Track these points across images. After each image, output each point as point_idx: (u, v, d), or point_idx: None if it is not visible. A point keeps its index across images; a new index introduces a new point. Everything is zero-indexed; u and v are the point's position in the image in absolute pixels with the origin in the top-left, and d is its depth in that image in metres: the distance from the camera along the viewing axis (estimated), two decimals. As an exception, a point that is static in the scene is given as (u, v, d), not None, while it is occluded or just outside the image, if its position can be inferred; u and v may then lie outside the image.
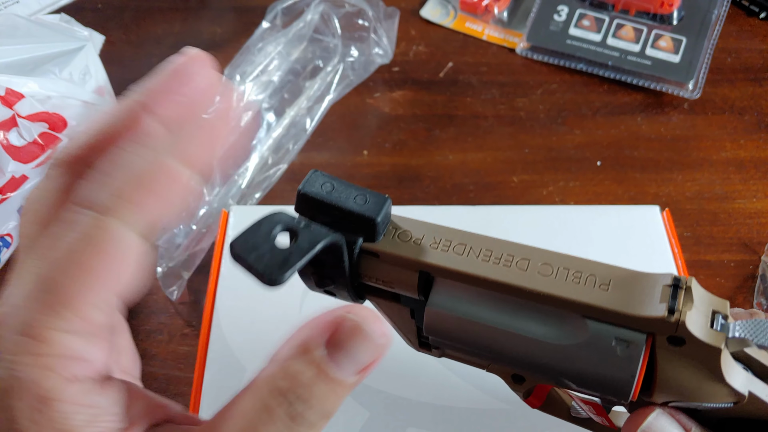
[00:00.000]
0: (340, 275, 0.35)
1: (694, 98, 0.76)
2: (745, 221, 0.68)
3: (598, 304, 0.31)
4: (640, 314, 0.31)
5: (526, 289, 0.33)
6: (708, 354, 0.30)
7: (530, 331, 0.33)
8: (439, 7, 0.86)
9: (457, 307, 0.34)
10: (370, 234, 0.34)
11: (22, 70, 0.62)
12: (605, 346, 0.31)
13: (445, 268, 0.34)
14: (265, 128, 0.72)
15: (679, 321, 0.29)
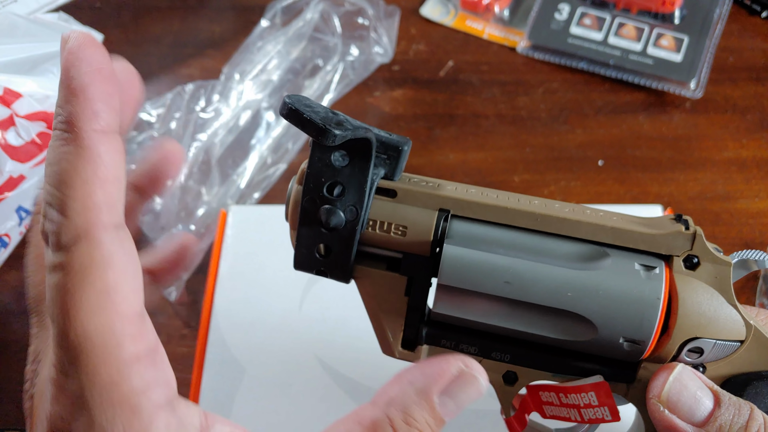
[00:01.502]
0: (359, 185, 0.33)
1: (696, 97, 0.76)
2: (748, 221, 0.67)
3: (619, 226, 0.33)
4: (661, 232, 0.33)
5: (549, 216, 0.34)
6: (720, 273, 0.33)
7: (556, 260, 0.33)
8: (439, 6, 0.86)
9: (477, 243, 0.34)
10: (392, 167, 0.35)
11: (20, 69, 0.62)
12: (629, 269, 0.33)
13: (468, 200, 0.34)
14: (264, 127, 0.72)
15: (695, 233, 0.33)
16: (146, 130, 0.68)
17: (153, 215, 0.64)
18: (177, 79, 0.80)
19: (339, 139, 0.30)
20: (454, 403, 0.32)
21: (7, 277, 0.65)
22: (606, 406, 0.34)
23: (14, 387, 0.59)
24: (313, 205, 0.34)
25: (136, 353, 0.30)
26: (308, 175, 0.33)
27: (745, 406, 0.32)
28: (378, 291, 0.36)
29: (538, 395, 0.36)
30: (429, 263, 0.34)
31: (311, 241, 0.34)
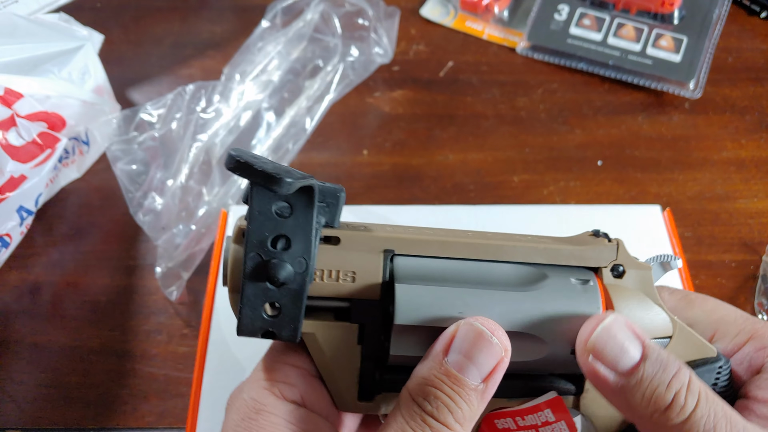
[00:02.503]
0: (305, 235, 0.32)
1: (695, 98, 0.76)
2: (747, 221, 0.68)
3: (550, 246, 0.36)
4: (587, 246, 0.36)
5: (487, 244, 0.35)
6: (643, 278, 0.36)
7: (501, 285, 0.34)
8: (439, 6, 0.86)
9: (426, 279, 0.34)
10: (331, 215, 0.34)
11: (21, 69, 0.62)
12: (567, 285, 0.35)
13: (410, 238, 0.35)
14: (264, 128, 0.72)
15: (618, 244, 0.36)
16: (147, 130, 0.68)
17: (154, 215, 0.64)
18: (177, 79, 0.80)
19: (292, 186, 0.29)
20: (466, 358, 0.31)
21: (8, 277, 0.65)
22: (563, 420, 0.35)
23: (14, 387, 0.59)
24: (259, 261, 0.32)
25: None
26: (250, 230, 0.32)
27: (674, 363, 0.32)
28: (329, 344, 0.34)
29: (493, 424, 0.36)
30: (380, 306, 0.34)
31: (258, 301, 0.32)
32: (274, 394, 0.33)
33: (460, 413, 0.31)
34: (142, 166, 0.66)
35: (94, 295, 0.64)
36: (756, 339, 0.37)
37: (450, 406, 0.31)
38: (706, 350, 0.37)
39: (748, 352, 0.37)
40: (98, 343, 0.61)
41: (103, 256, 0.66)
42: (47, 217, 0.68)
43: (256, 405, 0.33)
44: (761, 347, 0.36)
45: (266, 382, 0.34)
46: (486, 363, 0.32)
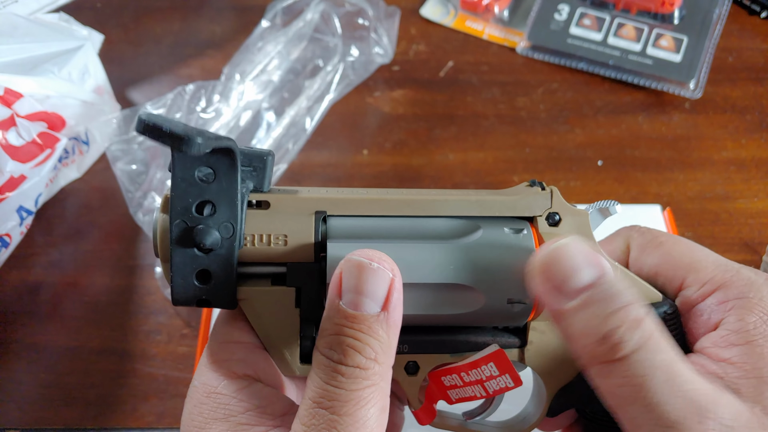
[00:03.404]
0: (230, 199, 0.32)
1: (696, 98, 0.76)
2: (747, 221, 0.68)
3: (483, 198, 0.36)
4: (521, 196, 0.36)
5: (418, 200, 0.35)
6: (580, 224, 0.36)
7: (433, 238, 0.34)
8: (439, 6, 0.86)
9: (358, 237, 0.34)
10: (259, 179, 0.34)
11: (21, 69, 0.62)
12: (500, 235, 0.35)
13: (341, 198, 0.34)
14: (264, 128, 0.72)
15: (551, 192, 0.36)
16: (147, 130, 0.68)
17: (153, 215, 0.64)
18: (177, 79, 0.80)
19: (203, 146, 0.28)
20: (357, 294, 0.30)
21: (8, 277, 0.65)
22: (507, 374, 0.35)
23: (14, 387, 0.59)
24: (185, 227, 0.32)
25: None
26: (173, 197, 0.32)
27: (623, 298, 0.30)
28: (266, 309, 0.34)
29: (440, 381, 0.36)
30: (315, 268, 0.34)
31: (188, 269, 0.32)
32: (222, 374, 0.33)
33: (369, 350, 0.30)
34: (142, 166, 0.66)
35: (94, 295, 0.64)
36: (722, 290, 0.34)
37: (356, 346, 0.30)
38: (650, 294, 0.36)
39: (711, 303, 0.34)
40: (98, 343, 0.61)
41: (103, 256, 0.66)
42: (47, 217, 0.68)
43: (206, 388, 0.33)
44: (723, 300, 0.34)
45: (212, 364, 0.33)
46: (377, 290, 0.30)
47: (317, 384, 0.30)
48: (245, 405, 0.32)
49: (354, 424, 0.29)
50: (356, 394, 0.29)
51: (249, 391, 0.33)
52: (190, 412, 0.33)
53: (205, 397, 0.33)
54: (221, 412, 0.32)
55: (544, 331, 0.36)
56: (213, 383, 0.33)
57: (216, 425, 0.32)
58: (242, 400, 0.32)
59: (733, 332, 0.33)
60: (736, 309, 0.34)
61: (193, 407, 0.33)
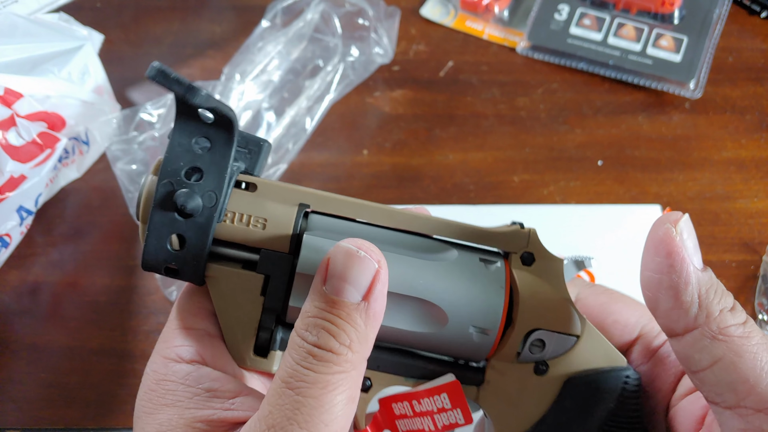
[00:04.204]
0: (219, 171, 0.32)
1: (696, 98, 0.76)
2: (747, 221, 0.68)
3: (464, 224, 0.35)
4: (499, 230, 0.36)
5: (400, 213, 0.35)
6: (553, 270, 0.35)
7: (407, 251, 0.34)
8: (439, 6, 0.86)
9: (335, 235, 0.34)
10: (252, 163, 0.35)
11: (21, 69, 0.62)
12: (473, 263, 0.35)
13: (326, 196, 0.35)
14: (264, 128, 0.72)
15: (530, 232, 0.36)
16: (147, 130, 0.68)
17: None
18: (177, 79, 0.80)
19: (206, 99, 0.29)
20: (341, 280, 0.30)
21: (8, 277, 0.65)
22: (459, 408, 0.35)
23: (14, 387, 0.59)
24: (170, 189, 0.32)
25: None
26: (166, 159, 0.32)
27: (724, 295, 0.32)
28: (231, 291, 0.34)
29: (390, 408, 0.36)
30: (288, 260, 0.33)
31: (164, 231, 0.32)
32: (172, 360, 0.33)
33: (344, 336, 0.30)
34: (142, 166, 0.66)
35: (94, 295, 0.64)
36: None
37: (332, 331, 0.30)
38: (615, 358, 0.36)
39: (667, 351, 0.36)
40: (98, 343, 0.61)
41: (103, 256, 0.66)
42: (47, 217, 0.68)
43: (155, 375, 0.33)
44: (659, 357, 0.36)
45: (163, 350, 0.34)
46: (362, 279, 0.30)
47: (289, 364, 0.30)
48: (193, 390, 0.32)
49: (318, 408, 0.29)
50: (325, 378, 0.29)
51: (196, 376, 0.33)
52: (141, 399, 0.33)
53: (154, 384, 0.33)
54: (169, 398, 0.32)
55: (503, 372, 0.35)
56: (162, 370, 0.33)
57: (164, 411, 0.32)
58: (189, 385, 0.32)
59: None
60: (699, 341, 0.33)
61: (144, 394, 0.33)
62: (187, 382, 0.32)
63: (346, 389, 0.30)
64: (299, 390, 0.29)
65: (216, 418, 0.32)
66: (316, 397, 0.29)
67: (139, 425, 0.33)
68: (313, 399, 0.29)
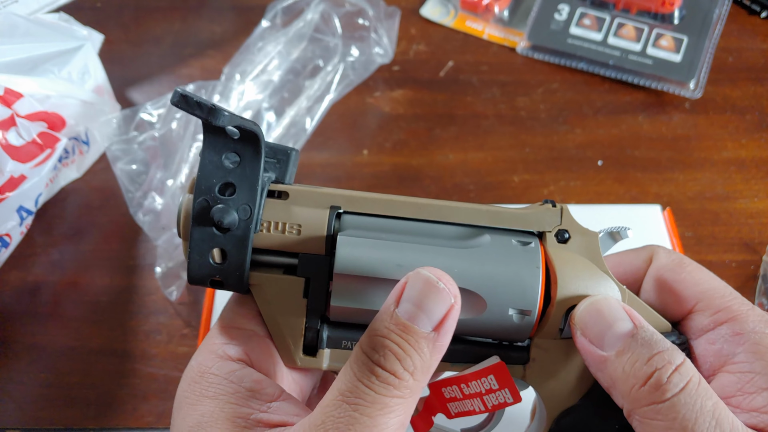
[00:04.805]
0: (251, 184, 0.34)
1: (696, 98, 0.76)
2: (747, 221, 0.68)
3: (494, 209, 0.36)
4: (531, 210, 0.36)
5: (430, 204, 0.36)
6: (589, 244, 0.36)
7: (441, 241, 0.35)
8: (439, 6, 0.86)
9: (368, 232, 0.35)
10: (281, 172, 0.36)
11: (21, 69, 0.62)
12: (507, 244, 0.35)
13: (356, 196, 0.36)
14: (264, 128, 0.72)
15: (561, 209, 0.36)
16: (147, 130, 0.68)
17: (154, 215, 0.64)
18: (177, 79, 0.80)
19: (228, 120, 0.31)
20: (415, 307, 0.31)
21: (8, 277, 0.65)
22: (506, 388, 0.35)
23: (14, 387, 0.59)
24: (206, 206, 0.34)
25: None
26: (199, 177, 0.34)
27: (662, 343, 0.32)
28: (275, 297, 0.35)
29: (441, 393, 0.36)
30: (325, 261, 0.35)
31: (205, 246, 0.34)
32: (218, 356, 0.34)
33: (409, 361, 0.31)
34: (142, 166, 0.66)
35: (94, 295, 0.64)
36: (736, 322, 0.34)
37: (398, 354, 0.30)
38: (658, 323, 0.36)
39: (724, 333, 0.34)
40: (98, 343, 0.61)
41: (103, 256, 0.66)
42: (47, 217, 0.68)
43: (201, 368, 0.34)
44: (738, 332, 0.34)
45: (210, 345, 0.35)
46: (436, 310, 0.31)
47: (349, 378, 0.31)
48: (235, 387, 0.33)
49: (371, 427, 0.30)
50: (383, 400, 0.30)
51: (240, 374, 0.34)
52: (183, 390, 0.34)
53: (198, 376, 0.34)
54: (212, 390, 0.33)
55: (548, 349, 0.36)
56: (207, 363, 0.34)
57: (206, 402, 0.33)
58: (233, 382, 0.33)
59: (756, 374, 0.32)
60: (751, 345, 0.33)
61: (187, 385, 0.34)
62: (230, 379, 0.33)
63: (400, 414, 0.31)
64: (356, 407, 0.30)
65: (254, 418, 0.32)
66: (372, 416, 0.30)
67: (180, 414, 0.33)
68: (369, 418, 0.30)
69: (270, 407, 0.33)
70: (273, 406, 0.33)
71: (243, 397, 0.33)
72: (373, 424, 0.29)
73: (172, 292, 0.62)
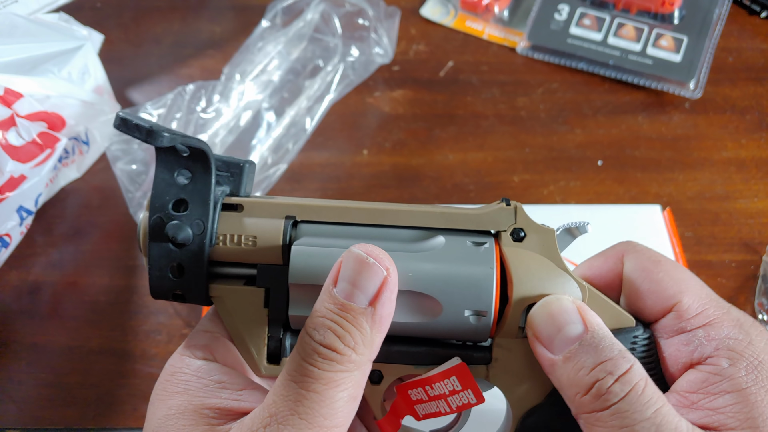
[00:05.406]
0: (203, 199, 0.34)
1: (696, 98, 0.76)
2: (747, 221, 0.68)
3: (448, 211, 0.36)
4: (485, 211, 0.36)
5: (385, 210, 0.36)
6: (546, 241, 0.36)
7: (393, 245, 0.35)
8: (439, 6, 0.86)
9: (323, 239, 0.35)
10: (236, 185, 0.37)
11: (21, 69, 0.62)
12: (461, 246, 0.35)
13: (311, 205, 0.36)
14: (264, 128, 0.72)
15: (515, 208, 0.36)
16: (147, 130, 0.68)
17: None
18: (177, 79, 0.80)
19: (168, 140, 0.31)
20: (351, 285, 0.32)
21: (8, 277, 0.65)
22: (469, 389, 0.35)
23: (14, 387, 0.59)
24: (160, 223, 0.34)
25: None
26: (153, 195, 0.34)
27: (608, 351, 0.32)
28: (237, 307, 0.36)
29: (407, 395, 0.37)
30: (283, 270, 0.35)
31: (163, 262, 0.35)
32: (187, 356, 0.36)
33: (349, 338, 0.31)
34: (142, 166, 0.66)
35: (94, 295, 0.64)
36: (712, 327, 0.34)
37: (337, 332, 0.31)
38: (622, 319, 0.36)
39: (700, 336, 0.34)
40: (98, 343, 0.61)
41: (103, 256, 0.66)
42: (47, 217, 0.68)
43: (171, 369, 0.36)
44: (713, 337, 0.34)
45: (182, 349, 0.36)
46: (369, 285, 0.32)
47: (295, 359, 0.32)
48: (204, 381, 0.35)
49: (320, 402, 0.31)
50: (328, 375, 0.31)
51: (207, 369, 0.35)
52: (155, 389, 0.36)
53: (169, 375, 0.35)
54: (181, 386, 0.35)
55: (510, 349, 0.36)
56: (177, 365, 0.35)
57: (175, 397, 0.34)
58: (201, 377, 0.35)
59: (724, 378, 0.33)
60: (724, 350, 0.33)
61: (159, 384, 0.36)
62: (198, 374, 0.35)
63: (348, 388, 0.32)
64: (303, 384, 0.31)
65: (223, 407, 0.34)
66: (319, 392, 0.31)
67: (151, 411, 0.35)
68: (316, 394, 0.31)
69: (240, 395, 0.34)
70: (243, 394, 0.34)
71: (212, 389, 0.34)
72: (320, 398, 0.31)
73: (172, 292, 0.62)
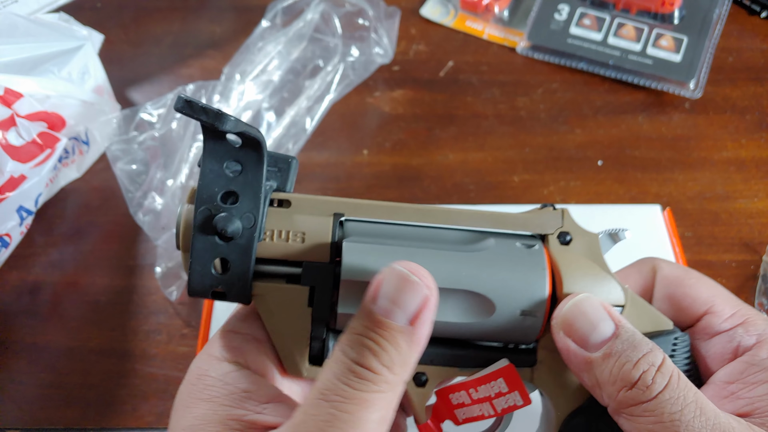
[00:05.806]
0: (254, 192, 0.33)
1: (696, 98, 0.76)
2: (747, 221, 0.68)
3: (496, 213, 0.36)
4: (532, 214, 0.37)
5: (433, 209, 0.36)
6: (591, 245, 0.36)
7: (446, 245, 0.35)
8: (439, 6, 0.86)
9: (371, 238, 0.35)
10: (282, 180, 0.36)
11: (21, 69, 0.62)
12: (512, 249, 0.36)
13: (359, 203, 0.36)
14: (264, 128, 0.72)
15: (563, 212, 0.37)
16: (147, 130, 0.68)
17: (154, 215, 0.64)
18: (177, 79, 0.80)
19: (234, 125, 0.30)
20: (391, 303, 0.31)
21: (8, 277, 0.65)
22: (516, 391, 0.35)
23: (14, 387, 0.59)
24: (208, 215, 0.33)
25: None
26: (200, 186, 0.33)
27: (646, 344, 0.33)
28: (279, 306, 0.35)
29: (448, 399, 0.36)
30: (330, 269, 0.34)
31: (207, 256, 0.33)
32: (215, 358, 0.34)
33: (386, 356, 0.31)
34: (142, 166, 0.66)
35: (94, 295, 0.64)
36: (749, 324, 0.37)
37: (374, 350, 0.30)
38: (660, 322, 0.37)
39: (741, 333, 0.37)
40: (98, 343, 0.61)
41: (103, 256, 0.66)
42: (47, 217, 0.68)
43: (198, 371, 0.34)
44: (752, 333, 0.36)
45: (210, 349, 0.35)
46: (410, 304, 0.31)
47: (327, 377, 0.31)
48: (230, 388, 0.33)
49: (351, 423, 0.29)
50: (361, 395, 0.30)
51: (235, 376, 0.34)
52: (180, 392, 0.34)
53: (195, 378, 0.34)
54: (206, 393, 0.33)
55: (554, 350, 0.36)
56: (204, 366, 0.34)
57: (200, 405, 0.33)
58: (227, 384, 0.33)
59: (763, 368, 0.34)
60: (765, 342, 0.35)
61: (184, 388, 0.34)
62: (225, 380, 0.33)
63: (381, 408, 0.30)
64: (334, 404, 0.30)
65: (247, 419, 0.32)
66: (351, 413, 0.30)
67: (175, 417, 0.34)
68: (347, 414, 0.29)
69: (265, 408, 0.33)
70: (268, 408, 0.33)
71: (238, 398, 0.33)
72: (352, 420, 0.29)
73: (172, 292, 0.62)
